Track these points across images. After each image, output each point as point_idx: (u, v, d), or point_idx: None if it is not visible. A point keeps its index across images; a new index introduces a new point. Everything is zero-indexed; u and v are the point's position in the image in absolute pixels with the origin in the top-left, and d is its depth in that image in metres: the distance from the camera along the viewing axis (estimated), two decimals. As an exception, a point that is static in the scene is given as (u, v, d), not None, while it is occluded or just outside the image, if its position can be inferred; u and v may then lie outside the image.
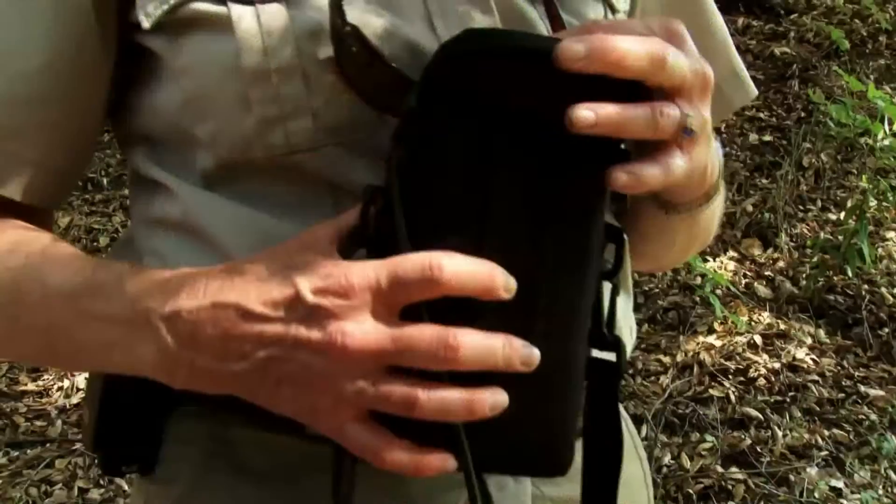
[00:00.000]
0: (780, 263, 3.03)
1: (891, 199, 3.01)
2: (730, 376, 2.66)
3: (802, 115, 3.52)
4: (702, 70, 0.53)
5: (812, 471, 2.37)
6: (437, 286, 0.47)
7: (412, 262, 0.47)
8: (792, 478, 2.34)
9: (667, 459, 2.45)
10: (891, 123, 3.07)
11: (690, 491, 2.35)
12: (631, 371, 2.75)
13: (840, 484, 2.35)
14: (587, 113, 0.47)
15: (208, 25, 0.57)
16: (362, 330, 0.48)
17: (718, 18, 0.77)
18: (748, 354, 2.71)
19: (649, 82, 0.49)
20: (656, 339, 2.83)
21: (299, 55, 0.56)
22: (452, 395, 0.48)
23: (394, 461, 0.49)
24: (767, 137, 3.48)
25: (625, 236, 0.54)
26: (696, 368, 2.70)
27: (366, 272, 0.48)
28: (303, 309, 0.49)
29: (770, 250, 3.09)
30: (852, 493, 2.32)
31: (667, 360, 2.76)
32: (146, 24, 0.59)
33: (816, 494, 2.29)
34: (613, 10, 0.65)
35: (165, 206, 0.62)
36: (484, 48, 0.48)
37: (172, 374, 0.53)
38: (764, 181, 3.32)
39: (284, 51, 0.56)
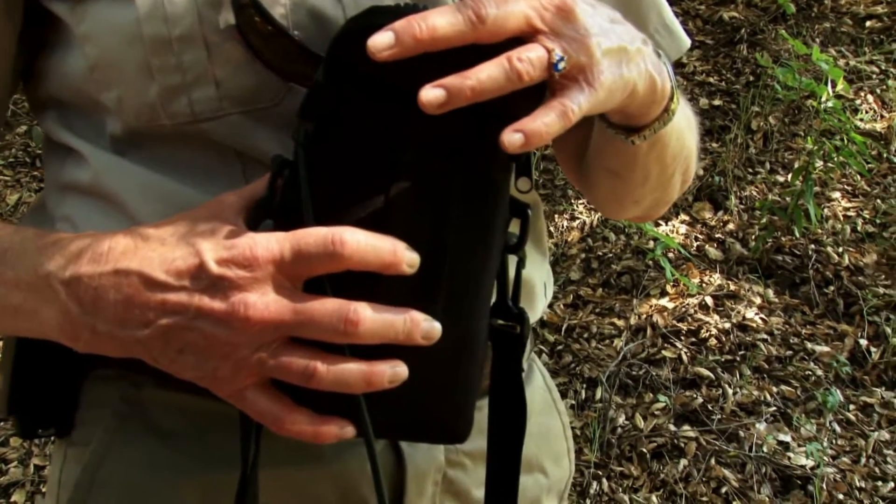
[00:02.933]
0: (730, 226, 3.08)
1: (836, 159, 3.07)
2: (682, 337, 2.71)
3: (751, 78, 3.56)
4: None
5: (761, 426, 2.43)
6: (340, 260, 0.48)
7: (315, 236, 0.48)
8: (742, 434, 2.40)
9: (621, 420, 2.50)
10: (834, 86, 3.12)
11: (644, 450, 2.40)
12: (585, 335, 2.79)
13: (787, 438, 2.42)
14: (437, 92, 0.46)
15: None
16: (264, 301, 0.49)
17: None
18: (699, 315, 2.77)
19: (482, 41, 0.48)
20: (610, 302, 2.88)
21: (200, 23, 0.56)
22: (351, 368, 0.49)
23: (292, 429, 0.51)
24: (717, 101, 3.52)
25: (528, 211, 0.54)
26: (648, 331, 2.75)
27: (269, 244, 0.49)
28: (206, 279, 0.49)
29: (720, 213, 3.14)
30: (799, 446, 2.39)
31: (620, 323, 2.80)
32: None
33: (765, 449, 2.36)
34: None
35: (76, 172, 0.62)
36: (380, 26, 0.48)
37: (75, 338, 0.54)
38: (714, 145, 3.36)
39: (185, 19, 0.56)
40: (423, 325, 0.49)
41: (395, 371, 0.50)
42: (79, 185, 0.62)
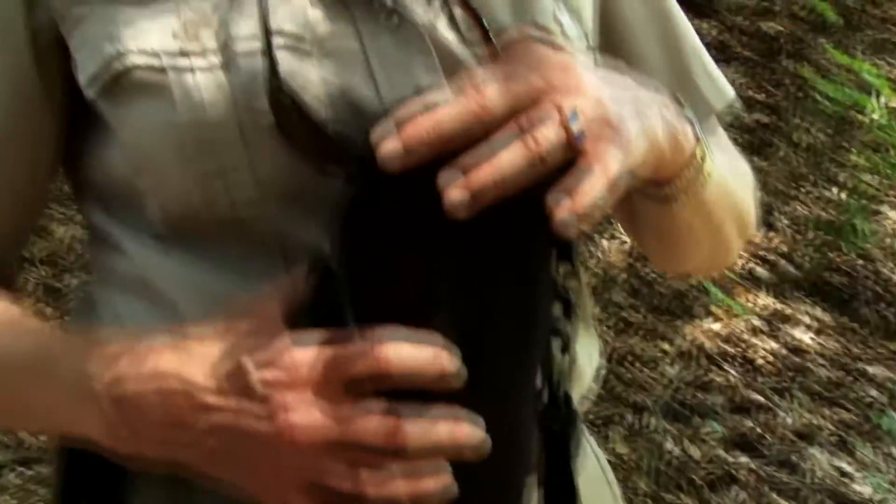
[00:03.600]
0: (779, 244, 3.02)
1: (888, 173, 3.00)
2: (731, 361, 2.66)
3: (794, 92, 3.50)
4: (550, 60, 0.49)
5: (817, 453, 2.37)
6: (385, 376, 0.48)
7: (361, 358, 0.48)
8: (798, 461, 2.34)
9: (671, 447, 2.46)
10: (878, 96, 3.06)
11: (696, 478, 2.35)
12: (632, 359, 2.75)
13: (845, 465, 2.35)
14: (458, 193, 0.45)
15: (147, 88, 0.58)
16: (310, 421, 0.49)
17: (688, 29, 0.76)
18: (749, 338, 2.71)
19: (488, 122, 0.47)
20: (656, 326, 2.83)
21: (238, 117, 0.56)
22: (399, 487, 0.48)
23: None
24: (760, 116, 3.46)
25: (571, 299, 0.53)
26: (697, 354, 2.70)
27: (316, 363, 0.49)
28: (246, 381, 0.50)
29: (768, 232, 3.08)
30: (857, 471, 2.33)
31: (667, 346, 2.75)
32: (83, 80, 0.59)
33: (828, 480, 2.30)
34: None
35: (119, 263, 0.62)
36: None
37: (116, 441, 0.54)
38: (760, 161, 3.31)
39: (222, 111, 0.56)
40: (466, 436, 0.48)
41: (444, 489, 0.49)
42: (122, 277, 0.62)
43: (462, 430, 0.48)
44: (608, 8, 0.70)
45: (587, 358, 0.70)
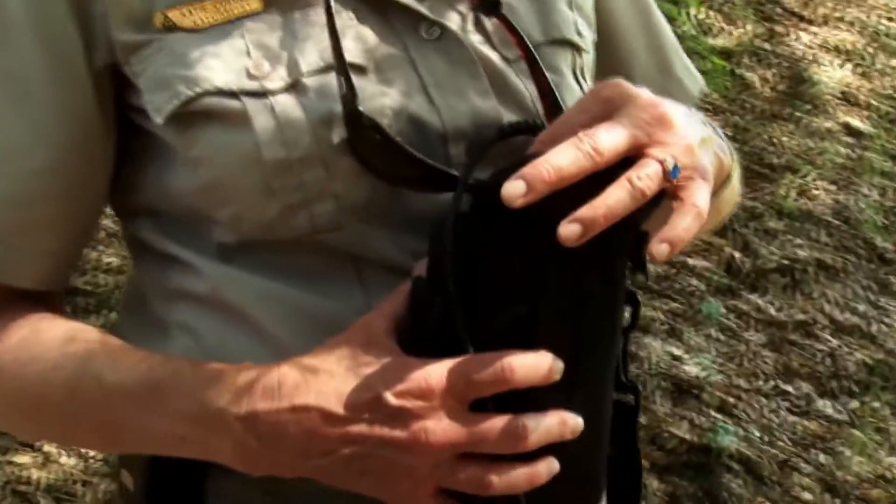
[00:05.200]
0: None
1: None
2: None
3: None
4: (647, 111, 0.54)
5: (652, 342, 2.63)
6: (509, 385, 0.53)
7: (487, 367, 0.53)
8: (636, 350, 2.59)
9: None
10: (688, 8, 3.26)
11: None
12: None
13: (678, 350, 2.63)
14: (574, 227, 0.50)
15: (223, 119, 0.59)
16: (441, 427, 0.53)
17: (665, 23, 0.83)
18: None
19: (599, 168, 0.52)
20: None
21: (317, 143, 0.59)
22: (518, 473, 0.54)
23: None
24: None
25: (639, 298, 0.60)
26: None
27: (442, 374, 0.54)
28: (385, 410, 0.53)
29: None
30: (687, 355, 2.61)
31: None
32: (158, 119, 0.60)
33: (662, 365, 2.56)
34: (581, 52, 0.70)
35: (186, 281, 0.64)
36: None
37: (252, 467, 0.57)
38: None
39: (303, 141, 0.59)
40: (571, 424, 0.55)
41: (550, 467, 0.56)
42: (192, 294, 0.63)
43: (567, 419, 0.55)
44: (601, 4, 0.75)
45: None
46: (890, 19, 3.78)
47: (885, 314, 2.77)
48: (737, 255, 2.90)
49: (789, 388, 2.53)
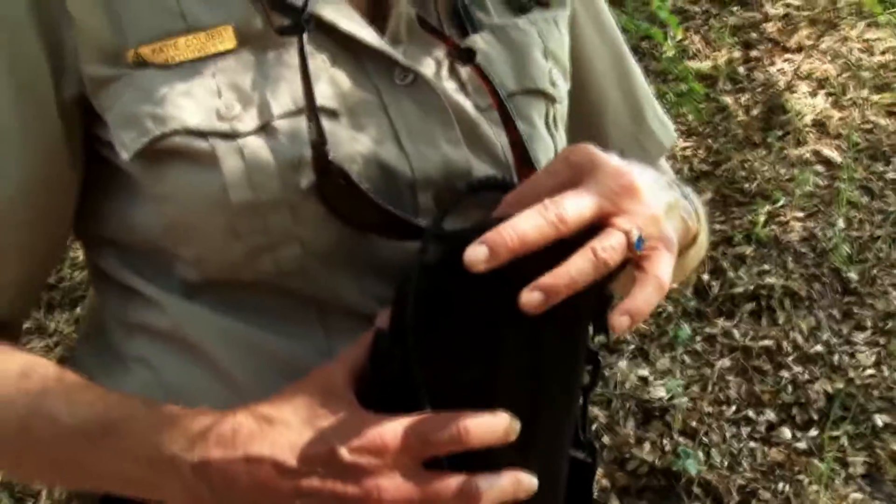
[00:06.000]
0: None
1: (673, 101, 3.26)
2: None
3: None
4: (615, 180, 0.54)
5: (623, 364, 2.65)
6: (464, 446, 0.53)
7: (443, 427, 0.53)
8: (607, 373, 2.61)
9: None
10: (664, 27, 3.30)
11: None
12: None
13: (646, 373, 2.65)
14: (535, 295, 0.51)
15: (190, 158, 0.59)
16: (395, 485, 0.53)
17: (638, 71, 0.83)
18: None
19: (564, 236, 0.52)
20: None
21: (285, 187, 0.59)
22: None
23: None
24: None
25: (600, 358, 0.61)
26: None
27: (397, 432, 0.53)
28: (339, 465, 0.53)
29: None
30: (656, 379, 2.63)
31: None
32: (125, 155, 0.59)
33: (627, 385, 2.58)
34: (554, 102, 0.70)
35: (147, 315, 0.63)
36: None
37: None
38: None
39: (270, 184, 0.58)
40: (525, 483, 0.55)
41: None
42: (152, 328, 0.63)
43: (521, 479, 0.55)
44: (576, 51, 0.76)
45: None
46: (863, 50, 3.83)
47: (848, 344, 2.81)
48: (706, 278, 2.93)
49: (753, 415, 2.55)
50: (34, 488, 2.12)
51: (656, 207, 0.55)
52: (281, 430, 0.54)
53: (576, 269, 0.51)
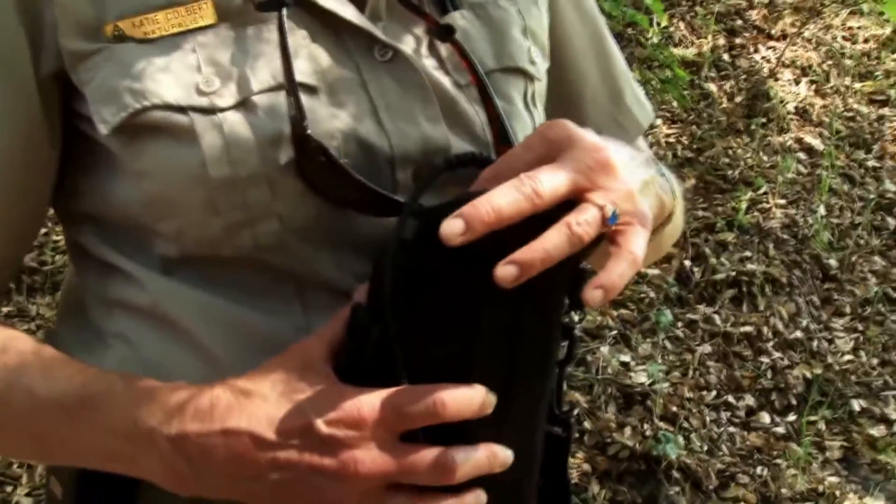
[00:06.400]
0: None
1: (657, 87, 3.27)
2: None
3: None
4: (591, 156, 0.54)
5: (605, 350, 2.67)
6: (440, 418, 0.53)
7: (419, 400, 0.53)
8: (590, 358, 2.62)
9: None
10: (650, 14, 3.30)
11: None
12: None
13: (628, 358, 2.66)
14: (510, 269, 0.51)
15: (170, 133, 0.59)
16: (371, 457, 0.53)
17: (618, 52, 0.83)
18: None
19: (539, 210, 0.52)
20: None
21: (264, 163, 0.59)
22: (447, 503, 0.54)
23: None
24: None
25: (575, 334, 0.61)
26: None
27: (374, 405, 0.53)
28: (316, 437, 0.53)
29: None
30: (637, 364, 2.64)
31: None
32: (104, 130, 0.59)
33: (609, 370, 2.60)
34: (533, 80, 0.70)
35: (127, 291, 0.63)
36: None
37: (180, 487, 0.56)
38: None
39: (249, 160, 0.58)
40: (500, 457, 0.56)
41: (478, 499, 0.55)
42: (131, 304, 0.63)
43: (497, 452, 0.55)
44: (556, 31, 0.76)
45: None
46: (846, 38, 3.85)
47: (827, 330, 2.83)
48: (688, 264, 2.94)
49: (733, 400, 2.58)
50: (14, 472, 2.11)
51: (632, 183, 0.56)
52: (258, 403, 0.54)
53: (550, 243, 0.51)
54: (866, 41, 3.88)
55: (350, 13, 0.62)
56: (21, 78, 0.60)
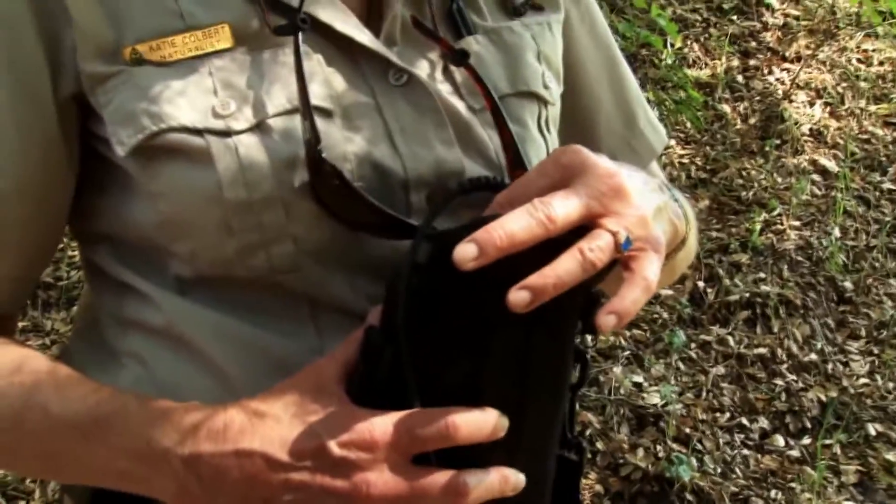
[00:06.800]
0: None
1: (671, 109, 3.28)
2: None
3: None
4: (604, 181, 0.54)
5: (617, 370, 2.66)
6: (453, 442, 0.54)
7: (432, 423, 0.53)
8: (602, 379, 2.61)
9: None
10: (665, 36, 3.31)
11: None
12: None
13: (640, 379, 2.65)
14: (523, 294, 0.51)
15: (186, 155, 0.59)
16: (383, 479, 0.53)
17: (631, 75, 0.84)
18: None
19: (552, 236, 0.52)
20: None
21: (279, 185, 0.59)
22: None
23: None
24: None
25: (588, 358, 0.61)
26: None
27: (387, 428, 0.54)
28: (328, 459, 0.53)
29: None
30: (650, 385, 2.63)
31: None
32: (121, 152, 0.60)
33: (622, 391, 2.58)
34: (546, 105, 0.71)
35: (142, 311, 0.64)
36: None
37: None
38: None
39: (264, 182, 0.59)
40: (512, 481, 0.56)
41: None
42: (146, 325, 0.63)
43: (508, 476, 0.55)
44: (570, 55, 0.76)
45: None
46: (861, 61, 3.84)
47: (842, 353, 2.81)
48: (702, 286, 2.93)
49: (746, 422, 2.56)
50: (27, 486, 2.12)
51: (645, 209, 0.56)
52: (271, 424, 0.55)
53: (563, 268, 0.51)
54: (881, 64, 3.87)
55: (365, 38, 0.63)
56: (40, 100, 0.61)
